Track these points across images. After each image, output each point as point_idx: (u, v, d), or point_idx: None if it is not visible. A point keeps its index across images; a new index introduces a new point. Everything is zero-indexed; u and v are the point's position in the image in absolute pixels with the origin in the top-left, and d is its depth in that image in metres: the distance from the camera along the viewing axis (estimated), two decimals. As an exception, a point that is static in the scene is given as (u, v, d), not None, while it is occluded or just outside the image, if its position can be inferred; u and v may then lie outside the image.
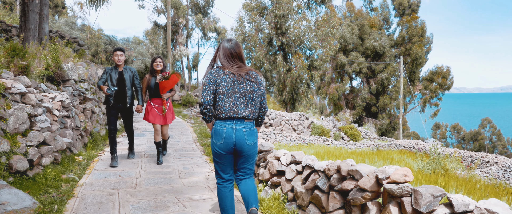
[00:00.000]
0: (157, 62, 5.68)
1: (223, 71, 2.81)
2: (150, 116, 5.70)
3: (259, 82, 2.89)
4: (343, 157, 7.45)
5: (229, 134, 2.78)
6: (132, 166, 5.51)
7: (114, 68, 5.38)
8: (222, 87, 2.77)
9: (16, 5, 21.49)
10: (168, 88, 5.63)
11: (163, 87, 5.59)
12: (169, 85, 5.61)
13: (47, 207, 3.37)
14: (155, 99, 5.74)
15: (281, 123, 16.44)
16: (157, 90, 5.68)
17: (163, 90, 5.62)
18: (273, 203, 3.80)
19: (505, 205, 1.97)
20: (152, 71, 5.72)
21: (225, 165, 2.91)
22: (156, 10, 31.72)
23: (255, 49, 23.75)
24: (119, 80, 5.35)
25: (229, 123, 2.79)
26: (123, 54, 5.38)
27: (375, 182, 2.64)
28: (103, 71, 5.38)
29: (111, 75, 5.31)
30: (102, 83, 5.22)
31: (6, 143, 3.89)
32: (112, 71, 5.36)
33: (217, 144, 2.82)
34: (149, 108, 5.72)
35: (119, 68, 5.40)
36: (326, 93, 35.70)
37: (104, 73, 5.33)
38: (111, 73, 5.32)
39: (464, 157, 16.63)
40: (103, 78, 5.26)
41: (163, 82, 5.55)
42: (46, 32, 8.57)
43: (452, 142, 56.12)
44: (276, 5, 22.11)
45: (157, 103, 5.74)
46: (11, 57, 5.16)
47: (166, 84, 5.57)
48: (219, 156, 2.86)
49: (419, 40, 34.57)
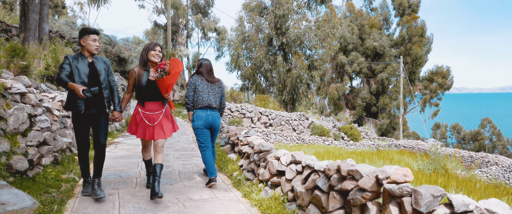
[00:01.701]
0: (156, 51, 4.05)
1: (200, 78, 4.67)
2: (139, 128, 4.03)
3: (222, 87, 4.81)
4: (343, 157, 7.46)
5: (207, 117, 4.62)
6: (132, 166, 5.51)
7: (80, 57, 3.73)
8: (200, 88, 4.62)
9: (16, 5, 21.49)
10: (173, 84, 3.99)
11: (169, 84, 3.93)
12: (173, 80, 3.94)
13: (47, 207, 3.37)
14: (149, 104, 4.03)
15: (281, 123, 16.44)
16: (152, 90, 4.02)
17: (167, 90, 4.00)
18: (273, 203, 3.80)
19: (505, 205, 1.97)
20: (144, 63, 4.04)
21: (205, 136, 4.66)
22: (156, 10, 31.74)
23: (255, 49, 23.76)
24: (91, 75, 3.74)
25: (205, 111, 4.63)
26: (98, 39, 3.82)
27: (375, 182, 2.64)
28: (64, 61, 3.67)
29: (77, 67, 3.66)
30: (67, 79, 3.55)
31: (6, 143, 3.89)
32: (78, 61, 3.70)
33: (199, 124, 4.60)
34: (138, 116, 4.05)
35: (89, 58, 3.79)
36: (326, 93, 35.71)
37: (65, 63, 3.64)
38: (77, 64, 3.67)
39: (464, 157, 16.64)
40: (65, 70, 3.59)
41: (166, 79, 3.88)
42: (46, 32, 8.57)
43: (452, 142, 56.13)
44: (276, 5, 22.12)
45: (153, 109, 4.03)
46: (11, 57, 5.16)
47: (170, 80, 3.91)
48: (202, 132, 4.64)
49: (419, 40, 34.57)
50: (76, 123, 3.81)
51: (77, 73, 3.65)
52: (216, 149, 6.88)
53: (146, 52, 4.05)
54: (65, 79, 3.54)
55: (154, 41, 5.87)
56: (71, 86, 3.46)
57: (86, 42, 3.72)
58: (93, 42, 3.72)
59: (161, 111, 4.06)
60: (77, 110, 3.71)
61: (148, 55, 4.04)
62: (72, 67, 3.64)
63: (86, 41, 3.72)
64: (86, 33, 3.71)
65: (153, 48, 4.05)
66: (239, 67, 25.40)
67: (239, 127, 7.07)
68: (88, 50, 3.74)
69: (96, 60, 3.84)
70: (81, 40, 3.73)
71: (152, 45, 4.10)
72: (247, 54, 25.15)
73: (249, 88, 28.08)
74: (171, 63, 3.91)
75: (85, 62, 3.74)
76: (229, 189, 4.51)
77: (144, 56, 4.05)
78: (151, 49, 4.05)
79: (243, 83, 27.61)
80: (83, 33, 3.71)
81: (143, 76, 3.99)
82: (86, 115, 3.77)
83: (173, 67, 3.91)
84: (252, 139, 5.58)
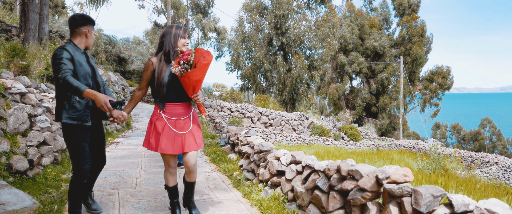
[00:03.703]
0: (186, 38, 3.01)
1: None
2: (162, 139, 2.94)
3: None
4: (343, 157, 7.46)
5: None
6: (132, 166, 5.51)
7: (75, 49, 2.83)
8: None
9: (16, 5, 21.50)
10: (201, 81, 2.95)
11: (196, 81, 2.89)
12: (201, 75, 2.91)
13: (47, 207, 3.37)
14: (173, 107, 2.99)
15: (281, 123, 16.44)
16: (176, 88, 2.98)
17: (195, 89, 2.94)
18: (273, 203, 3.80)
19: (505, 205, 1.97)
20: (169, 55, 2.95)
21: None
22: (156, 10, 31.75)
23: (255, 49, 23.77)
24: (93, 73, 2.97)
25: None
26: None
27: (375, 182, 2.64)
28: (61, 53, 2.68)
29: (81, 64, 2.80)
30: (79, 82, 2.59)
31: (6, 143, 3.90)
32: (76, 54, 2.80)
33: None
34: (160, 123, 2.97)
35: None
36: (326, 93, 35.73)
37: (65, 57, 2.67)
38: (80, 60, 2.81)
39: (464, 157, 16.64)
40: (68, 68, 2.63)
41: (191, 74, 2.83)
42: (46, 32, 8.58)
43: (452, 142, 56.14)
44: (276, 5, 22.13)
45: (178, 113, 3.00)
46: (11, 57, 5.16)
47: (198, 75, 2.86)
48: None
49: (419, 40, 34.59)
50: (77, 139, 2.83)
51: (81, 73, 2.77)
52: (216, 149, 6.89)
53: (174, 39, 2.94)
54: (75, 82, 2.53)
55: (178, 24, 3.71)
56: (90, 95, 2.52)
57: (90, 35, 2.94)
58: (94, 36, 3.04)
59: (189, 114, 3.07)
60: (81, 123, 2.81)
61: (177, 43, 2.95)
62: (75, 63, 2.73)
63: (90, 33, 2.94)
64: (90, 24, 2.95)
65: (184, 35, 2.99)
66: (239, 67, 25.41)
67: (239, 127, 7.07)
68: (88, 45, 2.97)
69: (90, 56, 3.04)
70: (84, 30, 2.89)
71: (182, 30, 2.99)
72: (247, 54, 25.17)
73: (249, 88, 28.10)
74: (197, 53, 2.85)
75: (84, 59, 2.88)
76: (229, 189, 4.51)
77: (171, 45, 2.93)
78: (182, 35, 2.98)
79: (243, 83, 27.63)
80: (88, 22, 2.92)
81: (166, 71, 2.92)
82: (89, 128, 2.93)
83: (199, 58, 2.84)
84: (252, 139, 5.58)
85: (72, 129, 2.83)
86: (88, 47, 2.99)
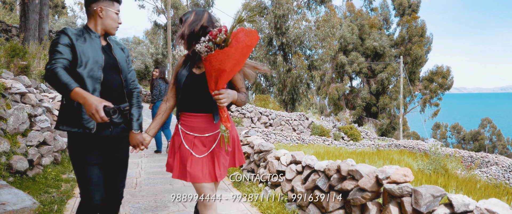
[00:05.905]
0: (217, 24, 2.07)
1: None
2: (189, 163, 2.04)
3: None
4: (343, 157, 7.45)
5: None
6: (132, 166, 5.51)
7: (87, 35, 2.05)
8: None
9: (16, 5, 21.50)
10: (234, 72, 1.93)
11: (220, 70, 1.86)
12: (232, 61, 1.85)
13: (47, 207, 3.37)
14: (187, 117, 2.10)
15: (281, 123, 16.44)
16: (197, 90, 2.07)
17: (218, 82, 1.91)
18: (273, 203, 3.80)
19: (505, 205, 1.97)
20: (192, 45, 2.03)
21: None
22: (156, 10, 31.75)
23: (255, 49, 23.76)
24: (107, 68, 2.07)
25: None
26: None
27: (375, 182, 2.64)
28: (60, 37, 1.95)
29: (84, 53, 1.98)
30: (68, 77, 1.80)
31: (6, 143, 3.89)
32: (86, 41, 2.02)
33: None
34: (177, 139, 2.14)
35: (102, 39, 2.12)
36: (326, 93, 35.72)
37: (63, 42, 1.94)
38: (83, 47, 1.99)
39: (464, 157, 16.64)
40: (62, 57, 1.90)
41: (217, 56, 1.83)
42: (46, 32, 8.58)
43: (452, 142, 56.13)
44: (276, 5, 22.13)
45: (197, 127, 2.08)
46: (11, 57, 5.16)
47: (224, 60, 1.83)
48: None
49: (419, 40, 34.59)
50: (80, 154, 2.05)
51: (84, 63, 1.96)
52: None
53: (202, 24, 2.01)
54: (65, 77, 1.79)
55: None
56: (79, 97, 1.76)
57: (106, 13, 2.07)
58: (117, 16, 2.12)
59: (216, 131, 2.08)
60: (82, 130, 2.00)
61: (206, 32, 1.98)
62: (76, 51, 1.96)
63: (106, 11, 2.06)
64: None
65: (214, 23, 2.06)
66: (239, 67, 25.36)
67: (239, 127, 7.06)
68: (106, 28, 2.11)
69: (113, 45, 2.18)
70: (96, 7, 2.05)
71: (211, 15, 2.09)
72: (247, 54, 25.15)
73: (249, 88, 28.10)
74: (236, 34, 1.86)
75: (97, 44, 2.05)
76: (229, 189, 4.51)
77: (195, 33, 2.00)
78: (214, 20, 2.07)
79: (243, 83, 27.57)
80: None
81: (182, 71, 2.10)
82: (99, 140, 2.08)
83: (237, 38, 1.85)
84: (252, 139, 5.58)
85: (72, 140, 2.06)
86: (108, 32, 2.12)
